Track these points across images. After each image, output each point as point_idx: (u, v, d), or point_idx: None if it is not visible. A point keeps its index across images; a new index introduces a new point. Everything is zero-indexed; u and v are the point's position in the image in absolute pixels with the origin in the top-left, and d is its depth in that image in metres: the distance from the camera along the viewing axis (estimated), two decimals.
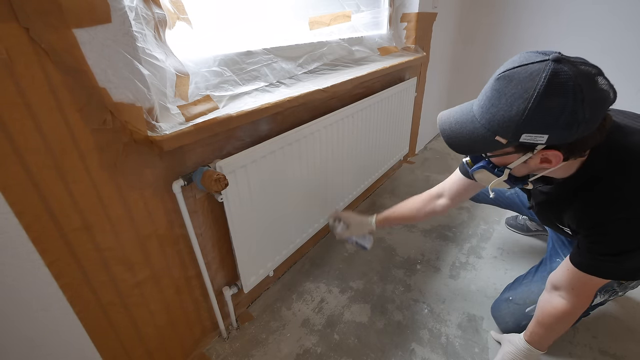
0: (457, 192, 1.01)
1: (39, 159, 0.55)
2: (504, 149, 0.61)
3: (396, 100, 1.63)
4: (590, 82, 0.53)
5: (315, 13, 1.21)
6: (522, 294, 1.03)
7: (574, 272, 0.73)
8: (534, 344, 0.85)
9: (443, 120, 0.69)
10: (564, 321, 0.78)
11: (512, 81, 0.55)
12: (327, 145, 1.22)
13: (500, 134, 0.58)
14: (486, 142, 0.60)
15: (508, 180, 0.69)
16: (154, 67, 0.68)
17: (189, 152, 0.80)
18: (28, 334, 0.62)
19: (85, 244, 0.65)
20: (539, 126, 0.54)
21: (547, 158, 0.60)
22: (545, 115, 0.53)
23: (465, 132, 0.63)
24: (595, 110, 0.53)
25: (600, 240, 0.67)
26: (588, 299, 0.75)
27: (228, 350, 1.02)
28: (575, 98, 0.51)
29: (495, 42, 2.24)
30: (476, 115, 0.62)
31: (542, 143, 0.57)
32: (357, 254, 1.40)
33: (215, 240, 0.96)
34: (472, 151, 0.67)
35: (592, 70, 0.54)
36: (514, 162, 0.64)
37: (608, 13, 1.83)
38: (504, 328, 1.04)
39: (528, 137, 0.56)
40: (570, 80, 0.51)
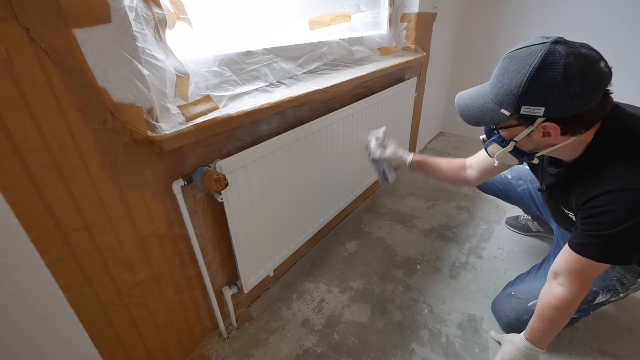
0: (483, 167, 1.06)
1: (39, 159, 0.55)
2: (508, 121, 0.69)
3: (396, 100, 1.63)
4: (585, 62, 0.59)
5: (315, 13, 1.21)
6: (525, 289, 1.03)
7: (569, 255, 0.75)
8: (534, 341, 0.84)
9: (460, 96, 0.79)
10: (563, 310, 0.78)
11: (514, 59, 0.64)
12: (327, 146, 1.22)
13: (504, 107, 0.67)
14: (493, 114, 0.69)
15: (514, 153, 0.76)
16: (154, 67, 0.68)
17: (189, 152, 0.80)
18: (28, 334, 0.62)
19: (85, 244, 0.65)
20: (536, 98, 0.62)
21: (547, 131, 0.67)
22: (540, 88, 0.61)
23: (476, 105, 0.73)
24: (587, 87, 0.59)
25: (590, 219, 0.70)
26: (585, 285, 0.76)
27: (228, 350, 1.02)
28: (565, 73, 0.58)
29: (495, 42, 2.24)
30: (487, 91, 0.71)
31: (540, 115, 0.63)
32: (357, 254, 1.40)
33: (215, 240, 0.96)
34: (482, 122, 0.73)
35: (593, 53, 0.60)
36: (519, 134, 0.71)
37: (609, 13, 1.83)
38: (504, 322, 1.05)
39: (527, 109, 0.64)
40: (562, 58, 0.59)
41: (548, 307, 0.80)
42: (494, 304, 1.12)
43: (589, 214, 0.71)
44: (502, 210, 1.67)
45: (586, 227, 0.72)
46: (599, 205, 0.68)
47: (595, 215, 0.69)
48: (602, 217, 0.68)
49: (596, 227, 0.69)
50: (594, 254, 0.71)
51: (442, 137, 2.63)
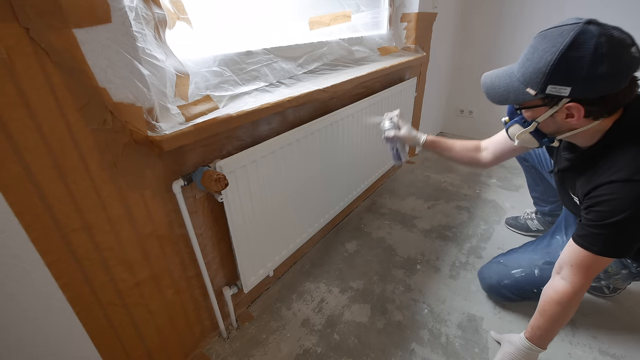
0: (500, 150, 1.07)
1: (39, 159, 0.55)
2: (533, 100, 0.69)
3: (396, 100, 1.63)
4: (616, 44, 0.59)
5: (315, 13, 1.21)
6: (512, 259, 1.11)
7: (572, 248, 0.76)
8: (535, 340, 0.84)
9: (486, 75, 0.79)
10: (565, 305, 0.78)
11: (545, 38, 0.64)
12: (327, 145, 1.22)
13: (530, 85, 0.67)
14: (518, 93, 0.69)
15: (535, 134, 0.76)
16: (154, 67, 0.68)
17: (189, 152, 0.80)
18: (28, 334, 0.62)
19: (85, 244, 0.65)
20: (563, 78, 0.62)
21: (571, 112, 0.66)
22: (569, 66, 0.60)
23: (502, 84, 0.73)
24: (616, 68, 0.59)
25: (592, 207, 0.71)
26: (588, 279, 0.75)
27: (228, 350, 1.02)
28: (595, 53, 0.58)
29: (495, 42, 2.24)
30: (514, 71, 0.71)
31: (566, 95, 0.63)
32: (357, 253, 1.40)
33: (215, 240, 0.96)
34: (506, 101, 0.73)
35: (625, 37, 0.60)
36: (542, 115, 0.71)
37: (611, 14, 1.83)
38: (486, 284, 1.13)
39: (553, 88, 0.63)
40: (593, 37, 0.58)
41: (550, 302, 0.80)
42: (480, 270, 1.19)
43: (591, 203, 0.71)
44: (502, 210, 1.68)
45: (588, 217, 0.72)
46: (601, 195, 0.69)
47: (597, 204, 0.69)
48: (603, 206, 0.68)
49: (596, 216, 0.69)
50: (594, 245, 0.71)
51: None
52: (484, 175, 2.02)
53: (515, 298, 1.09)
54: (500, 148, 1.07)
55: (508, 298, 1.11)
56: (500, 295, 1.11)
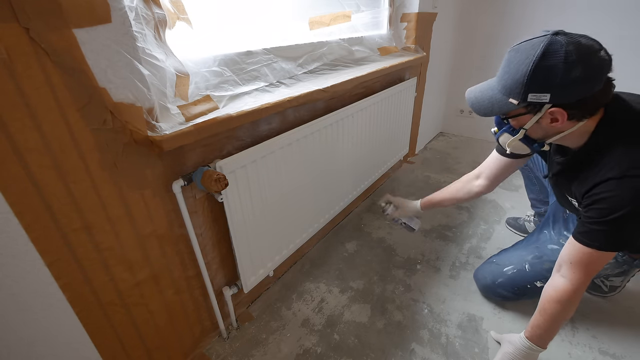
0: (494, 172, 1.09)
1: (38, 159, 0.55)
2: (517, 109, 0.73)
3: (396, 100, 1.63)
4: (585, 50, 0.63)
5: (315, 13, 1.21)
6: (504, 257, 1.16)
7: (572, 245, 0.77)
8: (535, 339, 0.84)
9: (470, 91, 0.83)
10: (565, 303, 0.78)
11: (519, 51, 0.69)
12: (327, 145, 1.22)
13: (512, 96, 0.71)
14: (502, 104, 0.73)
15: (525, 140, 0.79)
16: (154, 67, 0.68)
17: (189, 152, 0.80)
18: (28, 334, 0.62)
19: (85, 244, 0.65)
20: (541, 85, 0.66)
21: (555, 117, 0.70)
22: (544, 75, 0.65)
23: (486, 97, 0.77)
24: (589, 72, 0.63)
25: (591, 205, 0.73)
26: (587, 277, 0.76)
27: (228, 350, 1.02)
28: (566, 60, 0.62)
29: (495, 42, 2.24)
30: (494, 84, 0.76)
31: (547, 101, 0.67)
32: (357, 253, 1.40)
33: (215, 240, 0.96)
34: (492, 112, 0.77)
35: (593, 43, 0.64)
36: (529, 122, 0.74)
37: (610, 14, 1.83)
38: (482, 284, 1.16)
39: (534, 96, 0.67)
40: (562, 46, 0.63)
41: (550, 301, 0.81)
42: (475, 272, 1.22)
43: (590, 201, 0.73)
44: (502, 210, 1.68)
45: (588, 215, 0.73)
46: (599, 192, 0.70)
47: (596, 202, 0.71)
48: (602, 203, 0.70)
49: (596, 213, 0.71)
50: (595, 241, 0.73)
51: (442, 137, 2.63)
52: None
53: (511, 296, 1.10)
54: (494, 170, 1.09)
55: (505, 297, 1.11)
56: (497, 294, 1.12)
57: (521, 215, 1.54)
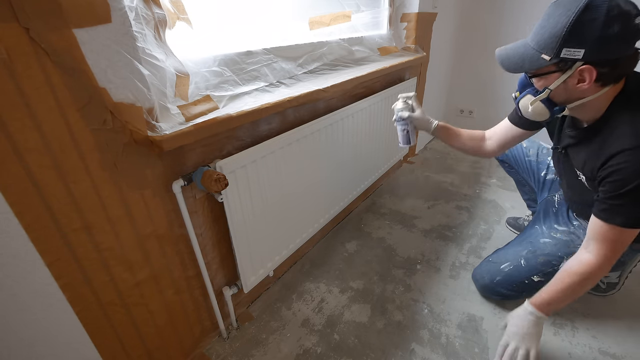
0: (504, 138, 1.11)
1: (39, 159, 0.55)
2: (547, 66, 0.72)
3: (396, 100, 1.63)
4: (624, 10, 0.63)
5: (315, 13, 1.21)
6: (500, 255, 1.16)
7: (594, 223, 0.78)
8: (541, 304, 0.84)
9: (500, 49, 0.83)
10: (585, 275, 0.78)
11: (560, 5, 0.68)
12: (327, 146, 1.22)
13: (545, 51, 0.70)
14: (533, 59, 0.73)
15: (546, 102, 0.77)
16: (154, 67, 0.68)
17: (189, 152, 0.80)
18: (28, 334, 0.62)
19: (85, 244, 0.65)
20: (578, 40, 0.66)
21: (583, 76, 0.69)
22: (584, 28, 0.64)
23: (517, 54, 0.77)
24: (625, 31, 0.63)
25: (607, 178, 0.73)
26: (613, 253, 0.76)
27: (228, 350, 1.02)
28: (607, 14, 0.62)
29: (495, 42, 2.23)
30: (528, 41, 0.75)
31: (580, 58, 0.67)
32: (357, 253, 1.40)
33: (215, 240, 0.96)
34: (521, 68, 0.77)
35: (632, 7, 0.64)
36: (555, 81, 0.73)
37: None
38: (480, 284, 1.16)
39: (568, 52, 0.67)
40: (606, 2, 0.63)
41: (570, 272, 0.81)
42: (473, 273, 1.22)
43: (605, 174, 0.73)
44: (502, 210, 1.68)
45: (604, 189, 0.74)
46: (613, 164, 0.71)
47: (610, 174, 0.72)
48: (615, 175, 0.70)
49: (612, 186, 0.72)
50: (616, 217, 0.73)
51: None
52: (484, 175, 2.02)
53: (511, 294, 1.10)
54: (504, 136, 1.10)
55: (505, 295, 1.11)
56: (497, 293, 1.12)
57: (521, 216, 1.54)
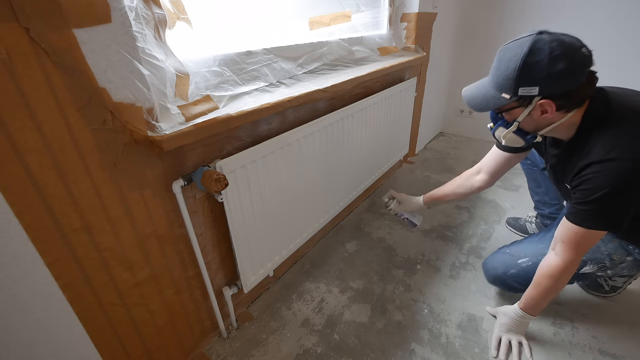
0: (495, 167, 1.14)
1: (38, 159, 0.55)
2: (509, 103, 0.78)
3: (396, 100, 1.63)
4: (567, 46, 0.69)
5: (315, 13, 1.21)
6: (519, 248, 1.12)
7: (564, 224, 0.84)
8: (528, 309, 0.95)
9: (465, 89, 0.89)
10: (556, 277, 0.86)
11: (508, 50, 0.76)
12: (327, 145, 1.22)
13: (504, 91, 0.77)
14: (495, 99, 0.79)
15: (518, 133, 0.84)
16: (154, 67, 0.68)
17: (189, 152, 0.80)
18: (28, 334, 0.62)
19: (85, 244, 0.65)
20: (529, 79, 0.72)
21: (545, 108, 0.75)
22: (532, 70, 0.71)
23: (480, 95, 0.83)
24: (571, 66, 0.69)
25: (578, 187, 0.79)
26: (578, 254, 0.83)
27: (228, 350, 1.02)
28: (550, 55, 0.69)
29: (495, 42, 2.24)
30: (487, 82, 0.82)
31: (536, 94, 0.73)
32: (357, 253, 1.40)
33: (215, 240, 0.96)
34: (486, 107, 0.83)
35: (574, 40, 0.71)
36: (521, 115, 0.80)
37: (608, 15, 1.83)
38: (491, 274, 1.13)
39: (524, 90, 0.74)
40: (547, 44, 0.70)
41: (543, 276, 0.89)
42: (485, 261, 1.19)
43: (577, 183, 0.80)
44: (502, 210, 1.68)
45: (575, 196, 0.80)
46: (583, 175, 0.77)
47: (581, 184, 0.78)
48: (585, 185, 0.77)
49: (582, 194, 0.78)
50: (584, 221, 0.79)
51: (442, 137, 2.63)
52: None
53: (520, 288, 1.07)
54: (494, 165, 1.14)
55: (513, 288, 1.09)
56: (506, 285, 1.10)
57: (521, 216, 1.54)
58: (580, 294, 1.18)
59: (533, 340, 1.02)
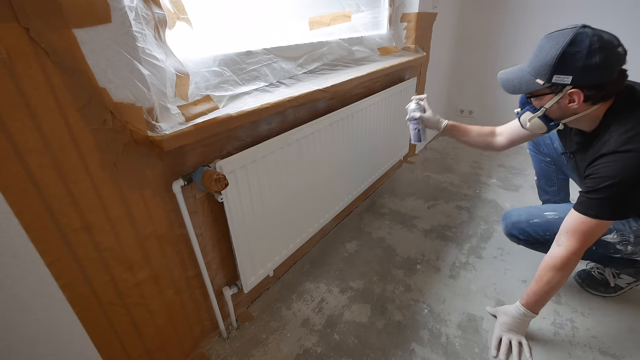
0: (514, 135, 1.18)
1: (39, 159, 0.55)
2: (541, 89, 0.82)
3: (396, 100, 1.63)
4: (606, 42, 0.73)
5: (315, 13, 1.21)
6: (547, 206, 1.10)
7: (570, 215, 0.86)
8: (530, 305, 0.95)
9: (501, 73, 0.92)
10: (559, 268, 0.87)
11: (550, 39, 0.79)
12: (327, 145, 1.22)
13: (539, 77, 0.80)
14: (529, 83, 0.83)
15: (543, 118, 0.88)
16: (154, 67, 0.68)
17: (189, 152, 0.80)
18: (28, 334, 0.62)
19: (85, 244, 0.65)
20: (565, 68, 0.76)
21: (573, 98, 0.79)
22: (569, 59, 0.75)
23: (515, 78, 0.87)
24: (606, 61, 0.73)
25: (589, 176, 0.82)
26: (580, 244, 0.84)
27: (228, 350, 1.02)
28: (589, 48, 0.73)
29: (495, 42, 2.24)
30: (524, 67, 0.86)
31: (568, 83, 0.77)
32: (357, 253, 1.40)
33: (215, 240, 0.96)
34: (519, 90, 0.87)
35: (613, 38, 0.75)
36: (549, 102, 0.83)
37: (607, 16, 1.83)
38: (512, 221, 1.11)
39: (558, 78, 0.77)
40: (588, 37, 0.73)
41: (545, 269, 0.90)
42: (508, 211, 1.17)
43: (589, 172, 0.82)
44: (502, 210, 1.67)
45: (586, 185, 0.82)
46: (595, 165, 0.80)
47: (592, 173, 0.81)
48: (596, 174, 0.79)
49: (591, 183, 0.80)
50: (590, 209, 0.81)
51: (442, 137, 2.62)
52: (484, 175, 2.02)
53: (536, 241, 1.06)
54: (514, 133, 1.18)
55: (528, 240, 1.08)
56: (524, 234, 1.08)
57: None
58: (580, 294, 1.18)
59: (533, 340, 1.02)
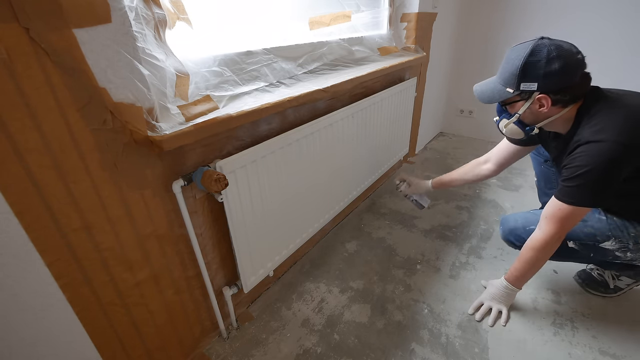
0: (503, 158, 1.23)
1: (39, 159, 0.55)
2: (512, 97, 0.90)
3: (396, 100, 1.63)
4: (563, 50, 0.81)
5: (315, 13, 1.21)
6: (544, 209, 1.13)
7: (551, 202, 0.92)
8: (512, 280, 1.05)
9: (476, 85, 1.00)
10: (538, 249, 0.95)
11: (514, 51, 0.87)
12: (327, 145, 1.22)
13: (508, 86, 0.89)
14: (501, 92, 0.91)
15: (518, 124, 0.94)
16: (154, 67, 0.68)
17: (189, 152, 0.80)
18: (28, 334, 0.62)
19: (85, 244, 0.65)
20: (529, 76, 0.84)
21: (542, 102, 0.87)
22: (531, 68, 0.83)
23: (489, 89, 0.95)
24: (566, 67, 0.80)
25: (565, 166, 0.87)
26: (558, 229, 0.90)
27: (228, 350, 1.02)
28: (548, 57, 0.81)
29: (495, 42, 2.24)
30: (495, 78, 0.94)
31: (535, 89, 0.85)
32: (357, 254, 1.40)
33: (215, 240, 0.96)
34: (493, 100, 0.94)
35: (571, 46, 0.82)
36: (521, 108, 0.91)
37: (607, 17, 1.83)
38: (509, 227, 1.14)
39: (525, 85, 0.85)
40: (545, 47, 0.82)
41: (526, 248, 0.98)
42: (505, 216, 1.19)
43: (565, 163, 0.88)
44: (502, 210, 1.68)
45: (563, 174, 0.88)
46: (572, 155, 0.86)
47: (568, 163, 0.87)
48: (572, 163, 0.85)
49: (568, 172, 0.86)
50: (565, 197, 0.87)
51: (442, 137, 2.63)
52: None
53: None
54: (502, 157, 1.23)
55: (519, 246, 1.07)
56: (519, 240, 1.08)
57: None
58: (580, 294, 1.18)
59: (533, 339, 1.02)
